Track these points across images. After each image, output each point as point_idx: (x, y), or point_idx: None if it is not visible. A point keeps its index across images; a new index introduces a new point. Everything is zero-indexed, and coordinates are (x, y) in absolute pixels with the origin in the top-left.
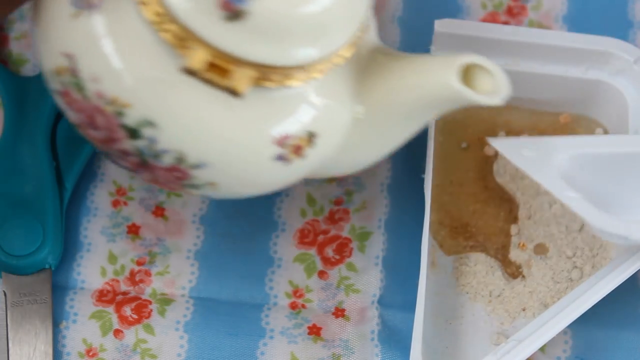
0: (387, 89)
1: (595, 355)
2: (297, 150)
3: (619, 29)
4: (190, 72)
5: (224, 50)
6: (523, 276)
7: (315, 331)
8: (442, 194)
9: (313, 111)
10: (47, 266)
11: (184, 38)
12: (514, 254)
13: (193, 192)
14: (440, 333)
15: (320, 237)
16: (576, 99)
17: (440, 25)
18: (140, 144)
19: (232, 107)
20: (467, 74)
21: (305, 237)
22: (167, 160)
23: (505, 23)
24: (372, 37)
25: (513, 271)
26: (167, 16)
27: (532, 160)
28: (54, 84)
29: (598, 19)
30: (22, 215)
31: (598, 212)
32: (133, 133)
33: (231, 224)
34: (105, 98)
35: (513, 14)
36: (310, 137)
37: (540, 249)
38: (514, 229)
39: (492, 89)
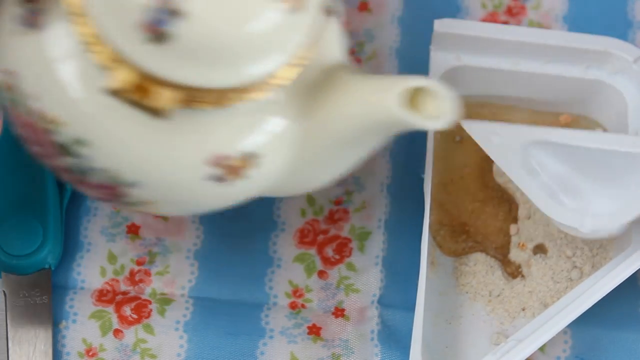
0: (332, 110)
1: (595, 355)
2: (235, 170)
3: (619, 28)
4: (113, 92)
5: (149, 72)
6: (523, 276)
7: (315, 331)
8: (442, 194)
9: (252, 132)
10: (46, 266)
11: (114, 59)
12: (514, 254)
13: (133, 209)
14: (440, 333)
15: (320, 237)
16: (575, 99)
17: (440, 25)
18: (73, 161)
19: (162, 128)
20: (417, 97)
21: (305, 237)
22: (100, 178)
23: (505, 23)
24: (333, 53)
25: (513, 271)
26: (98, 38)
27: (499, 146)
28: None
29: (598, 19)
30: (22, 215)
31: (552, 202)
32: (65, 150)
33: (231, 224)
34: (40, 115)
35: (513, 14)
36: (250, 157)
37: (540, 249)
38: (513, 228)
39: (439, 112)
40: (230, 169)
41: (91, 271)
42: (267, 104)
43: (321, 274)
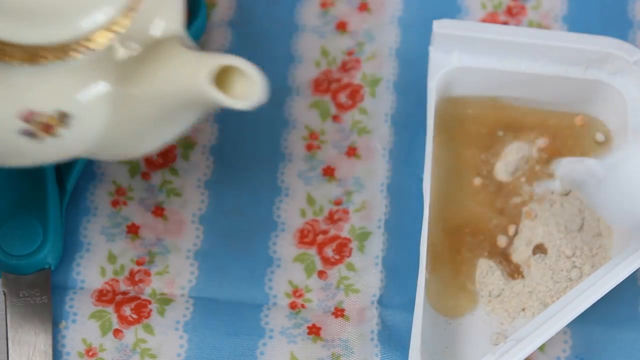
0: (152, 81)
1: (595, 355)
2: (46, 128)
3: (619, 28)
4: None
5: None
6: (522, 276)
7: (314, 331)
8: (441, 193)
9: (66, 92)
10: (46, 266)
11: None
12: (514, 254)
13: None
14: (440, 333)
15: (320, 237)
16: (577, 98)
17: (439, 26)
18: None
19: None
20: (228, 76)
21: (305, 237)
22: None
23: (505, 23)
24: (168, 25)
25: (512, 271)
26: None
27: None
28: None
29: (598, 19)
30: (22, 216)
31: None
32: None
33: (231, 224)
34: None
35: (512, 14)
36: (62, 116)
37: (539, 249)
38: (512, 228)
39: (247, 93)
40: (41, 126)
41: (91, 271)
42: (85, 65)
43: (321, 274)
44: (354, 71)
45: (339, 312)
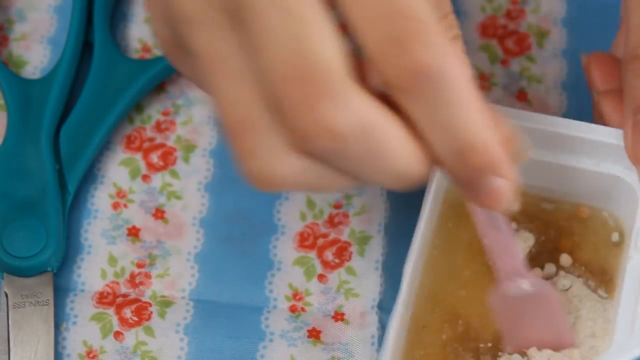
0: None
1: None
2: None
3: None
4: None
5: None
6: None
7: (314, 334)
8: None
9: None
10: (49, 268)
11: None
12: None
13: None
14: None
15: (320, 241)
16: (590, 191)
17: None
18: None
19: None
20: None
21: (305, 241)
22: None
23: (504, 27)
24: None
25: None
26: None
27: None
28: None
29: (597, 22)
30: (25, 218)
31: None
32: None
33: (231, 227)
34: None
35: (512, 17)
36: None
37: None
38: None
39: None
40: None
41: (92, 273)
42: None
43: (321, 277)
44: None
45: (339, 316)
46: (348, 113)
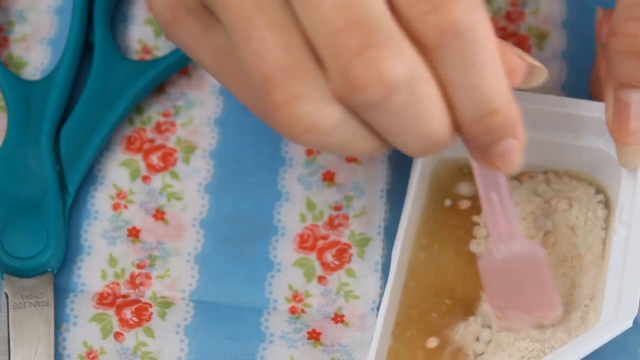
0: None
1: None
2: None
3: None
4: None
5: None
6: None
7: (314, 336)
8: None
9: None
10: (49, 269)
11: None
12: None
13: None
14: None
15: (320, 242)
16: (574, 165)
17: None
18: None
19: None
20: None
21: (305, 242)
22: None
23: (504, 29)
24: None
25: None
26: None
27: None
28: None
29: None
30: (25, 218)
31: None
32: None
33: (231, 228)
34: None
35: (511, 19)
36: None
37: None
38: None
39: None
40: None
41: (92, 274)
42: None
43: (321, 279)
44: None
45: (338, 318)
46: (402, 61)
